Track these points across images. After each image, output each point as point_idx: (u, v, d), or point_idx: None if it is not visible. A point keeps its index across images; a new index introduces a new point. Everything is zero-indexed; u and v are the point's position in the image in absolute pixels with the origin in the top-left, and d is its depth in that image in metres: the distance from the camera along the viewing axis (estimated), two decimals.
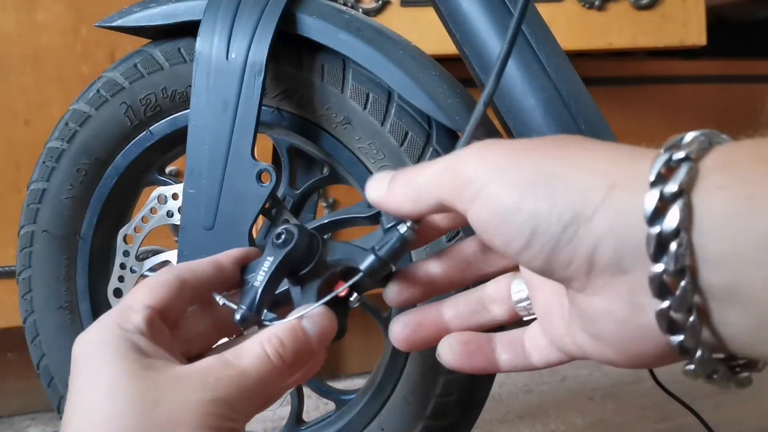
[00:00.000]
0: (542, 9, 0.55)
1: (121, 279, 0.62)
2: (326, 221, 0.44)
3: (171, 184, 0.62)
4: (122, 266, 0.62)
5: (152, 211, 0.60)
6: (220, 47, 0.54)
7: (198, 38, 0.54)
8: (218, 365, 0.35)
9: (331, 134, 0.57)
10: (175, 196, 0.59)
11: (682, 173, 0.27)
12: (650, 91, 1.34)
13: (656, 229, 0.27)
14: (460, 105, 0.54)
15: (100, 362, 0.34)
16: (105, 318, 0.37)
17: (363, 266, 0.39)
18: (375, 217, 0.42)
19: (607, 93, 1.29)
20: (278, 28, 0.53)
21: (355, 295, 0.40)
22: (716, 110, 1.36)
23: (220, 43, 0.54)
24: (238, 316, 0.38)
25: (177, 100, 0.60)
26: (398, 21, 1.07)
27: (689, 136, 0.29)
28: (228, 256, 0.43)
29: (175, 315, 0.39)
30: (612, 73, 1.31)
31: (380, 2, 1.08)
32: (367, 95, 0.56)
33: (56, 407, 0.67)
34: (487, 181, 0.31)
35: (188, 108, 0.55)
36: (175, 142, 0.62)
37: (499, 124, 0.55)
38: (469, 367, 0.39)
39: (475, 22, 0.53)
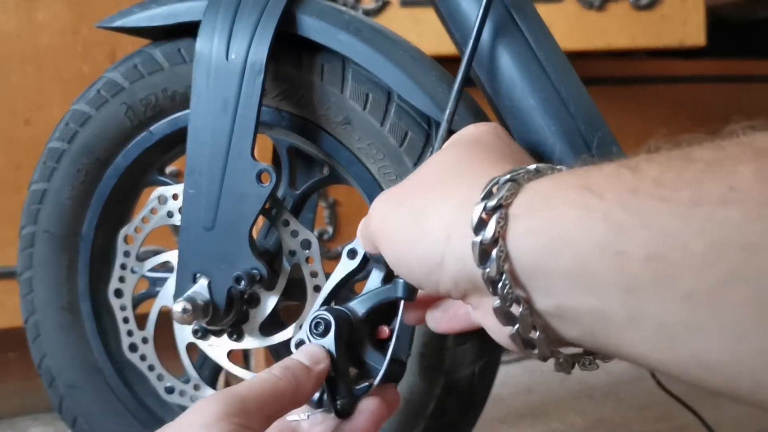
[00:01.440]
0: (542, 9, 0.55)
1: (121, 279, 0.62)
2: (329, 290, 0.47)
3: (171, 184, 0.62)
4: (123, 266, 0.62)
5: (152, 211, 0.60)
6: (220, 48, 0.54)
7: (198, 39, 0.54)
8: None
9: (330, 134, 0.57)
10: (175, 197, 0.59)
11: (493, 221, 0.31)
12: (650, 91, 1.34)
13: (486, 270, 0.32)
14: (459, 105, 0.54)
15: None
16: None
17: (400, 293, 0.43)
18: (363, 264, 0.46)
19: (607, 93, 1.29)
20: (278, 28, 0.53)
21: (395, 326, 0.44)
22: (716, 110, 1.36)
23: (220, 43, 0.54)
24: (336, 413, 0.42)
25: (177, 101, 0.60)
26: (398, 21, 1.07)
27: (502, 180, 0.33)
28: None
29: None
30: (612, 73, 1.31)
31: (380, 2, 1.08)
32: (367, 95, 0.56)
33: (57, 407, 0.67)
34: (382, 234, 0.39)
35: (188, 108, 0.55)
36: (175, 142, 0.62)
37: (500, 125, 0.55)
38: (451, 330, 0.44)
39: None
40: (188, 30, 0.58)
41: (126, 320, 0.62)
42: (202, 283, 0.55)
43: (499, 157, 0.41)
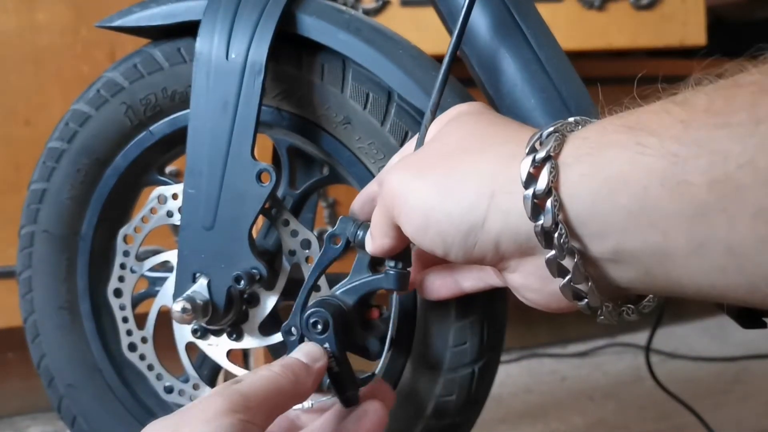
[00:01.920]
0: (542, 9, 0.55)
1: (121, 279, 0.62)
2: (314, 277, 0.49)
3: (171, 184, 0.62)
4: (122, 266, 0.62)
5: (152, 211, 0.60)
6: (220, 47, 0.54)
7: (198, 38, 0.54)
8: None
9: (331, 134, 0.57)
10: (175, 196, 0.59)
11: (545, 172, 0.31)
12: (650, 91, 1.33)
13: (540, 223, 0.32)
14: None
15: None
16: None
17: (394, 285, 0.45)
18: (345, 249, 0.48)
19: (607, 93, 1.29)
20: (278, 28, 0.53)
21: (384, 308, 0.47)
22: None
23: (220, 43, 0.54)
24: (343, 403, 0.44)
25: (177, 100, 0.60)
26: (398, 21, 1.07)
27: (546, 133, 0.33)
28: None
29: None
30: (612, 73, 1.31)
31: (380, 2, 1.08)
32: (367, 95, 0.56)
33: (56, 407, 0.67)
34: (402, 202, 0.38)
35: (188, 108, 0.55)
36: (175, 142, 0.62)
37: None
38: (439, 297, 0.47)
39: (475, 21, 0.53)
40: (188, 29, 0.58)
41: (125, 320, 0.62)
42: (201, 283, 0.54)
43: (512, 122, 0.41)
